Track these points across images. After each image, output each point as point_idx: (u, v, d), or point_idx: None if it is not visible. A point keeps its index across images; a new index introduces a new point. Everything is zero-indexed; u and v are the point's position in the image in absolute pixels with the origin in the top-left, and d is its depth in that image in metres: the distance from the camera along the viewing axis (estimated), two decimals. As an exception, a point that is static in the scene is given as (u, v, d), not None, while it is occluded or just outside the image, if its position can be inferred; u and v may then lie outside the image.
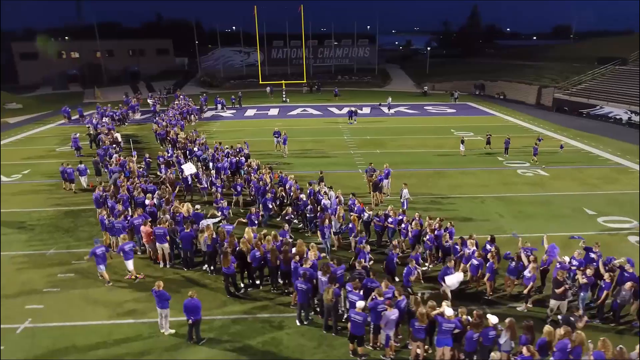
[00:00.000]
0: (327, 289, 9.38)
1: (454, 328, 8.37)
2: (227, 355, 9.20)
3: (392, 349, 8.98)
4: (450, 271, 10.31)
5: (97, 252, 11.53)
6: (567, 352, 7.80)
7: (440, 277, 10.47)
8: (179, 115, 32.54)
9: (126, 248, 11.78)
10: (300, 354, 9.21)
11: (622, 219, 16.04)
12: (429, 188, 19.46)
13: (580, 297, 10.22)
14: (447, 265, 10.45)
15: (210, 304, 10.98)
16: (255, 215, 13.70)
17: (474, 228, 14.61)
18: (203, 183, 17.62)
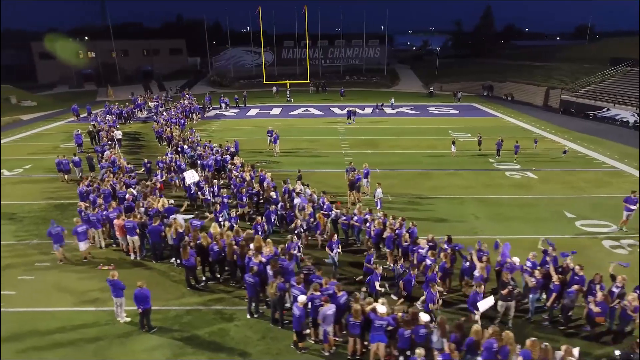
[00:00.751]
0: (271, 283, 9.66)
1: (387, 325, 8.52)
2: (173, 344, 9.57)
3: (331, 343, 9.18)
4: (479, 297, 9.34)
5: (52, 232, 12.46)
6: (493, 352, 7.86)
7: (470, 303, 9.55)
8: (181, 114, 33.31)
9: (79, 230, 12.63)
10: (244, 345, 9.51)
11: (601, 223, 15.74)
12: (411, 188, 19.47)
13: (529, 298, 10.21)
14: (477, 291, 9.44)
15: (170, 295, 11.41)
16: (261, 226, 13.08)
17: (448, 229, 14.56)
18: (206, 194, 16.21)
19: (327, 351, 9.18)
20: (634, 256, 13.51)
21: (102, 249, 13.92)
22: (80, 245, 12.88)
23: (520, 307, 10.58)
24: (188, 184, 16.48)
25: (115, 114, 33.92)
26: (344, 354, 9.22)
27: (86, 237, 12.96)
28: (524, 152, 25.42)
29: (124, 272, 12.32)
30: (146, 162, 20.08)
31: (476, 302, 9.20)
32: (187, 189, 16.68)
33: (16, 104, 41.67)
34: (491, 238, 12.77)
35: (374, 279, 10.22)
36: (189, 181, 16.40)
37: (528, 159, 24.14)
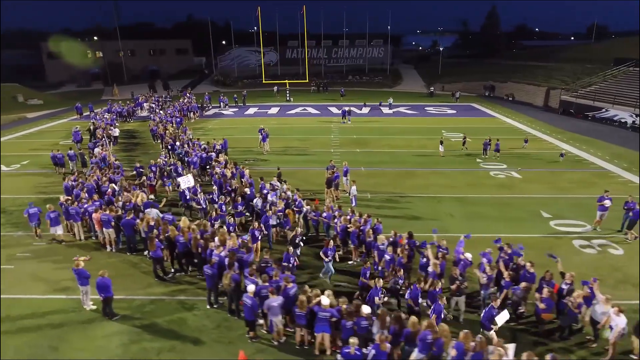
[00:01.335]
0: (225, 274, 10.00)
1: (330, 316, 8.78)
2: (132, 331, 9.98)
3: (280, 333, 9.48)
4: (495, 311, 8.81)
5: (30, 212, 13.80)
6: (428, 343, 8.08)
7: (485, 319, 8.96)
8: (178, 113, 33.96)
9: (52, 215, 13.57)
10: (199, 333, 9.88)
11: (576, 223, 15.74)
12: (393, 187, 19.65)
13: (481, 294, 10.37)
14: (492, 305, 8.97)
15: (138, 285, 11.85)
16: (259, 231, 12.68)
17: (420, 227, 14.78)
18: (201, 203, 15.22)
19: (277, 341, 9.49)
20: (603, 256, 13.54)
21: (81, 241, 14.46)
22: (52, 230, 13.95)
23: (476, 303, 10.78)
24: (182, 189, 15.69)
25: (115, 113, 34.72)
26: (294, 344, 9.52)
27: (58, 222, 13.90)
28: (512, 152, 25.50)
29: (99, 263, 12.88)
30: (138, 166, 19.45)
31: (492, 317, 8.67)
32: (181, 194, 15.81)
33: (23, 102, 42.90)
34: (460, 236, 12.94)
35: (374, 294, 9.59)
36: (183, 186, 15.65)
37: (516, 158, 24.16)
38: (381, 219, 13.73)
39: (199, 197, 15.32)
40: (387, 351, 7.91)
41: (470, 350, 7.73)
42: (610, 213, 15.10)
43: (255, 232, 12.50)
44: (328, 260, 11.50)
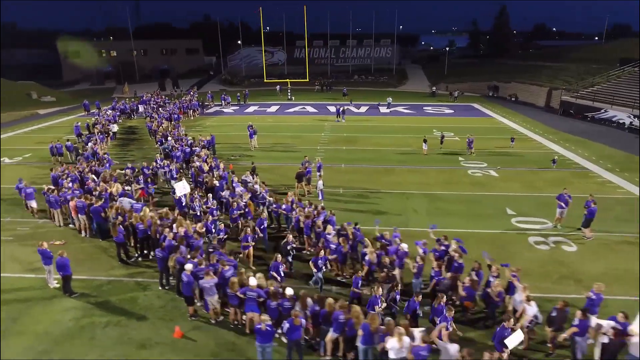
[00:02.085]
0: (171, 256, 10.78)
1: (257, 296, 9.44)
2: (86, 307, 10.86)
3: (217, 313, 10.19)
4: (507, 332, 8.18)
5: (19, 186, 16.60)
6: (341, 323, 8.65)
7: (497, 340, 8.28)
8: (178, 110, 35.16)
9: (28, 191, 16.10)
10: (145, 311, 10.68)
11: (538, 221, 15.93)
12: (368, 183, 20.11)
13: (412, 283, 10.84)
14: (504, 325, 8.31)
15: (101, 267, 12.76)
16: (252, 237, 12.35)
17: (385, 219, 15.25)
18: (196, 209, 14.42)
19: (214, 319, 10.20)
20: (555, 252, 13.76)
21: (60, 227, 15.52)
22: (29, 204, 16.24)
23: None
24: (178, 196, 14.93)
25: (119, 110, 36.17)
26: (229, 322, 10.22)
27: (33, 197, 16.19)
28: (497, 151, 25.65)
29: (73, 247, 13.96)
30: (130, 166, 19.06)
31: (504, 338, 8.05)
32: (178, 201, 15.04)
33: (36, 99, 44.97)
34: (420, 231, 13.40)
35: (374, 302, 9.22)
36: (179, 193, 14.86)
37: (499, 157, 24.30)
38: (347, 213, 14.39)
39: (194, 204, 14.55)
40: (300, 325, 8.51)
41: (376, 332, 8.26)
42: (577, 211, 15.21)
43: (248, 238, 12.15)
44: (318, 270, 11.01)
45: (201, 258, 10.47)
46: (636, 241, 14.37)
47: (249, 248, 12.39)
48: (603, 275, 12.29)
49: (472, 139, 24.80)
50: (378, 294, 9.27)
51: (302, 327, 8.65)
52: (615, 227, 15.44)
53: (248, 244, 12.25)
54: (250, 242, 12.21)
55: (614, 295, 11.32)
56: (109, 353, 9.28)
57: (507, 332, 8.18)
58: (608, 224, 15.63)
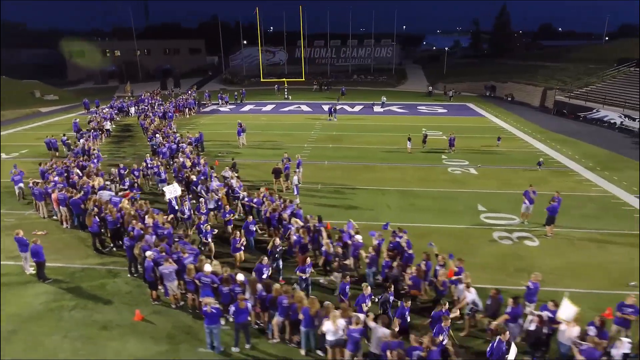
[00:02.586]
0: (136, 244, 11.37)
1: (211, 282, 9.97)
2: (57, 292, 11.49)
3: (176, 298, 10.75)
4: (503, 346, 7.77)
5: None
6: (285, 307, 9.15)
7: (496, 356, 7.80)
8: (174, 109, 35.93)
9: (15, 178, 17.48)
10: (112, 296, 11.28)
11: (506, 217, 16.26)
12: (347, 180, 20.53)
13: (366, 272, 11.30)
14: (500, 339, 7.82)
15: (78, 255, 13.41)
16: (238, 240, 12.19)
17: (354, 215, 15.63)
18: (186, 212, 14.29)
19: (174, 304, 10.76)
20: (516, 246, 14.10)
21: (44, 218, 16.22)
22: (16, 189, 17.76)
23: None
24: (168, 198, 14.64)
25: (117, 108, 37.03)
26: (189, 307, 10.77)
27: (20, 182, 17.68)
28: (482, 150, 25.95)
29: (54, 237, 14.69)
30: (122, 166, 18.72)
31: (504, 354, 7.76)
32: (169, 204, 14.71)
33: (39, 98, 46.07)
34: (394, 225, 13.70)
35: (361, 300, 9.24)
36: (169, 196, 14.60)
37: (482, 155, 24.61)
38: (321, 207, 14.97)
39: (183, 207, 14.37)
40: (246, 308, 9.02)
41: (315, 315, 8.75)
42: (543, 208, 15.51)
43: (236, 242, 12.10)
44: (305, 277, 10.75)
45: (163, 246, 11.03)
46: (600, 237, 14.70)
47: (240, 251, 12.22)
48: (558, 269, 12.66)
49: (454, 137, 25.13)
50: (366, 293, 9.25)
51: (248, 311, 9.16)
52: (582, 223, 15.73)
53: (238, 247, 12.04)
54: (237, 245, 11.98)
55: (566, 287, 11.65)
56: (71, 333, 9.88)
57: (503, 346, 7.77)
58: (576, 220, 15.95)
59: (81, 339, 9.70)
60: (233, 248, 12.17)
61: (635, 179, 20.49)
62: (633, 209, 17.13)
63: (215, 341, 9.15)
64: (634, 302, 8.99)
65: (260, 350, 9.34)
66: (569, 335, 8.20)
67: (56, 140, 24.70)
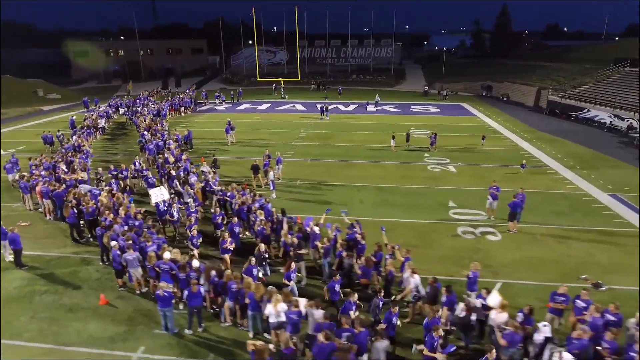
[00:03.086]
0: (105, 234, 12.01)
1: (169, 269, 10.55)
2: (32, 277, 12.17)
3: (140, 284, 11.36)
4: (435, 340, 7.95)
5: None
6: (234, 292, 9.70)
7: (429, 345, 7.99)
8: (170, 107, 36.74)
9: (7, 167, 19.00)
10: (82, 282, 11.92)
11: (474, 212, 16.63)
12: (326, 176, 20.99)
13: (321, 262, 11.80)
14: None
15: (56, 245, 14.10)
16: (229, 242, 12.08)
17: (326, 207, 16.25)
18: (174, 215, 13.99)
19: (138, 290, 11.38)
20: (477, 241, 14.48)
21: (30, 210, 16.98)
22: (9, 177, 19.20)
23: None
24: (155, 202, 14.39)
25: (114, 106, 37.93)
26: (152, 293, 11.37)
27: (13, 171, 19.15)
28: (466, 148, 26.30)
29: (37, 228, 15.45)
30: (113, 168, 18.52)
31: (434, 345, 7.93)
32: (156, 207, 14.45)
33: (42, 97, 47.29)
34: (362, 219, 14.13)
35: (348, 307, 9.03)
36: (155, 200, 14.34)
37: (463, 154, 24.97)
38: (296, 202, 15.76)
39: (172, 209, 14.08)
40: (198, 292, 9.58)
41: (261, 300, 9.28)
42: None
43: (224, 243, 11.95)
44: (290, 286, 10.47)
45: (130, 235, 11.65)
46: (563, 233, 15.03)
47: (229, 253, 12.03)
48: (514, 262, 13.05)
49: (434, 135, 25.59)
50: (353, 299, 9.09)
51: (201, 295, 9.73)
52: (549, 220, 16.06)
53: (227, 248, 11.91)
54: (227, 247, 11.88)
55: (519, 280, 12.11)
56: (39, 315, 10.54)
57: (435, 340, 7.89)
58: (543, 216, 16.30)
59: (47, 320, 10.35)
60: (222, 250, 12.03)
61: (612, 178, 20.74)
62: (602, 207, 17.41)
63: (169, 323, 9.73)
64: (565, 292, 9.39)
65: (212, 333, 9.90)
66: (497, 321, 8.62)
67: (52, 136, 25.87)
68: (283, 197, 18.21)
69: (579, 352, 7.85)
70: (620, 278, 12.15)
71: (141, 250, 11.33)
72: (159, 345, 9.50)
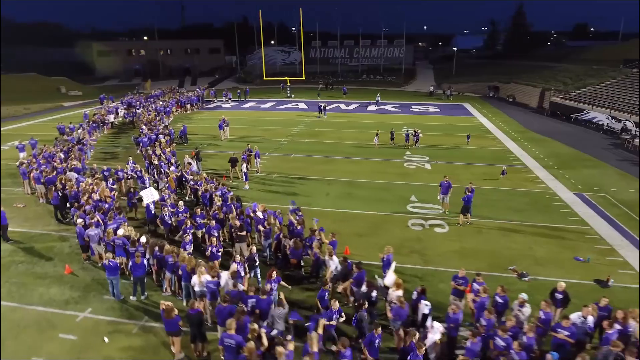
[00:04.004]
0: (75, 214, 13.55)
1: (122, 243, 11.94)
2: (15, 250, 13.83)
3: (101, 257, 12.82)
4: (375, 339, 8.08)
5: None
6: (171, 265, 10.98)
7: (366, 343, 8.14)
8: (176, 104, 38.76)
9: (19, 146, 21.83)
10: (54, 255, 13.50)
11: (432, 207, 17.30)
12: (302, 171, 22.01)
13: (263, 244, 12.95)
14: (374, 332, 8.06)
15: (41, 223, 15.80)
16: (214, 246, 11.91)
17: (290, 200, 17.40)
18: (165, 218, 13.85)
19: (99, 263, 12.85)
20: (423, 232, 15.22)
21: (28, 194, 18.89)
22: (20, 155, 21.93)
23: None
24: (146, 203, 14.62)
25: (126, 103, 40.26)
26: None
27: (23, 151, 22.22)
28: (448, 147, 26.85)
29: (30, 209, 17.29)
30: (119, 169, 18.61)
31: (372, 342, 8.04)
32: (147, 209, 14.67)
33: (64, 93, 50.55)
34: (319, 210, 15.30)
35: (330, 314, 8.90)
36: (146, 200, 14.58)
37: (444, 151, 25.54)
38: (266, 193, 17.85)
39: (164, 213, 13.92)
40: (142, 264, 10.90)
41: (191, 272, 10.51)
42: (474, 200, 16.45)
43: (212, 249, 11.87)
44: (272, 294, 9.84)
45: (95, 214, 13.16)
46: (510, 227, 15.59)
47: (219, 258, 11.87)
48: (449, 252, 13.78)
49: (415, 132, 26.34)
50: (335, 308, 8.93)
51: (143, 266, 11.05)
52: (501, 215, 16.60)
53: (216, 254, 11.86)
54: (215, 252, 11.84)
55: (449, 268, 12.83)
56: (12, 280, 12.15)
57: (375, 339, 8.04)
58: (498, 212, 16.89)
59: (17, 284, 11.94)
60: (211, 255, 11.77)
61: (585, 178, 20.94)
62: (562, 205, 17.75)
63: (115, 290, 11.11)
64: (464, 275, 10.18)
65: (153, 301, 11.19)
66: (391, 297, 9.52)
67: (64, 127, 28.43)
68: (256, 189, 19.47)
69: (454, 326, 8.70)
70: (547, 270, 12.72)
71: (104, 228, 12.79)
72: (104, 308, 10.89)
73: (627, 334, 8.40)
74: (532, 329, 8.20)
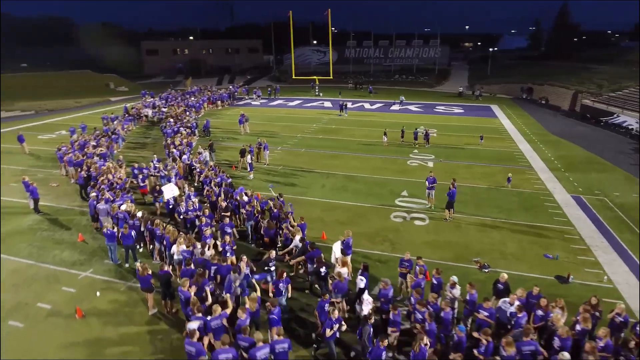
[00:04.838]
0: (91, 192, 15.66)
1: (124, 217, 13.79)
2: (42, 220, 16.18)
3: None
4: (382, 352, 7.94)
5: None
6: (159, 236, 12.64)
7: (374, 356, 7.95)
8: (207, 100, 41.37)
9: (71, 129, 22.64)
10: (71, 226, 15.65)
11: (419, 202, 17.94)
12: (307, 164, 23.22)
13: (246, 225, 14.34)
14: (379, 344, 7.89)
15: (68, 200, 18.16)
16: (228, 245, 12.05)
17: (289, 190, 18.77)
18: (181, 213, 14.13)
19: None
20: (402, 224, 15.97)
21: (63, 175, 21.51)
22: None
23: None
24: (167, 199, 15.02)
25: (163, 99, 43.43)
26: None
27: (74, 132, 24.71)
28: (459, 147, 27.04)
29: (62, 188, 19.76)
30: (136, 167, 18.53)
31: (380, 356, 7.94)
32: (167, 205, 15.12)
33: (112, 89, 55.08)
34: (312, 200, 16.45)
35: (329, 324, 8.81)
36: (167, 196, 14.97)
37: (450, 150, 25.80)
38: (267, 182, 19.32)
39: (180, 208, 14.23)
40: (130, 234, 12.65)
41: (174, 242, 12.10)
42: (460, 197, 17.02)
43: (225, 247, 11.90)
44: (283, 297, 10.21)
45: (106, 190, 15.19)
46: (489, 223, 15.99)
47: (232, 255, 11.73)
48: (422, 243, 14.48)
49: (425, 131, 26.73)
50: (334, 317, 8.83)
51: (132, 237, 12.75)
52: (486, 212, 16.99)
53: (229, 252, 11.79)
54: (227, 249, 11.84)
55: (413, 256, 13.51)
56: (34, 243, 14.36)
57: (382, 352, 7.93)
58: (483, 209, 17.24)
59: (37, 247, 14.16)
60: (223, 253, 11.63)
61: (590, 181, 20.63)
62: (554, 206, 17.77)
63: (113, 255, 12.96)
64: (409, 259, 11.01)
65: (143, 267, 12.94)
66: (337, 273, 10.55)
67: (108, 117, 31.59)
68: (259, 178, 20.98)
69: (384, 300, 9.62)
70: (511, 264, 13.15)
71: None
72: (102, 270, 12.77)
73: (547, 320, 8.95)
74: (447, 304, 8.97)
